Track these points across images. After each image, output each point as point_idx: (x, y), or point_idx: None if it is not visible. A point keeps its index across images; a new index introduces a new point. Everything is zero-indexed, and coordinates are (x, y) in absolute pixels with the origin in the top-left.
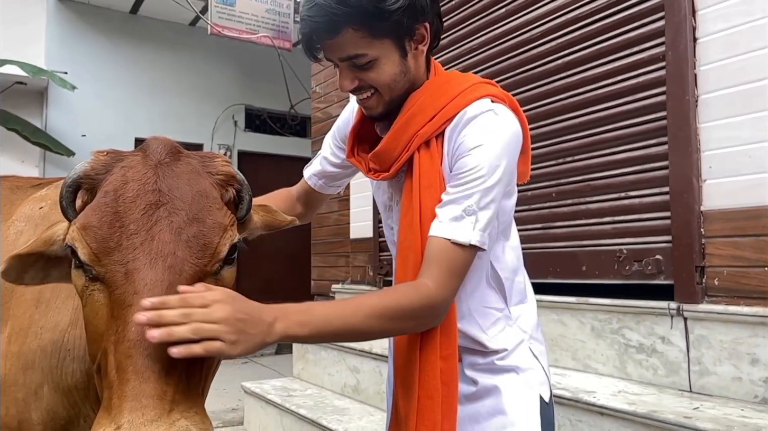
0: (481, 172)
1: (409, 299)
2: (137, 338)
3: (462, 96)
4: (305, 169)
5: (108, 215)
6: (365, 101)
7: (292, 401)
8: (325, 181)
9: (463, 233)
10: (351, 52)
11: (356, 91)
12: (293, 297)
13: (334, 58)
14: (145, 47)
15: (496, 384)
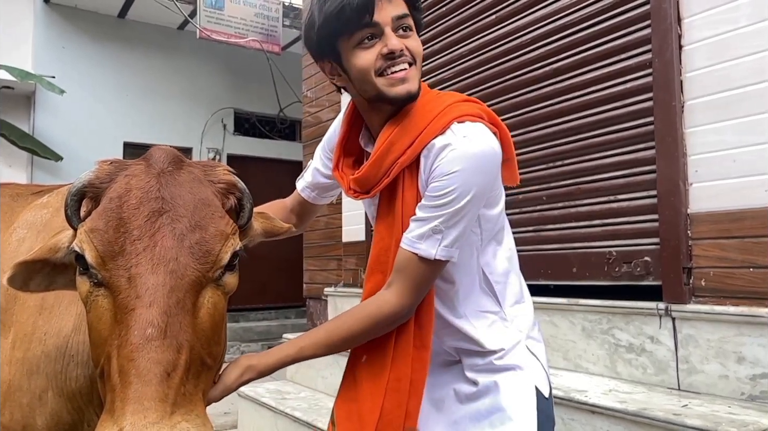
0: (451, 196)
1: (373, 319)
2: (140, 342)
3: (436, 120)
4: (298, 181)
5: (113, 220)
6: (405, 73)
7: (287, 404)
8: (318, 192)
9: (428, 249)
10: (402, 12)
11: (399, 58)
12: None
13: (385, 19)
14: (134, 51)
15: (495, 381)
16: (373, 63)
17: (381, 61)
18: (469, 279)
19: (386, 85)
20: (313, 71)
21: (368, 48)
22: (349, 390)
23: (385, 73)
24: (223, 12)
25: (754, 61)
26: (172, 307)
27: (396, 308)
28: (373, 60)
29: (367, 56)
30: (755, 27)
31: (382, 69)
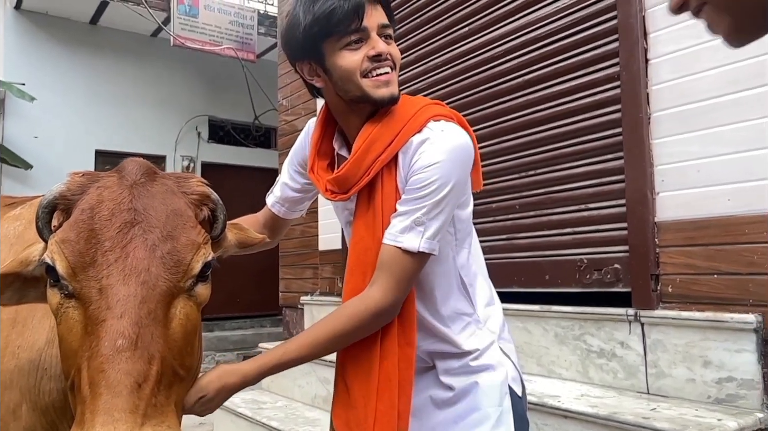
0: (432, 187)
1: (359, 318)
2: (110, 353)
3: (414, 119)
4: (267, 197)
5: (85, 231)
6: (389, 76)
7: (263, 413)
8: (288, 206)
9: (412, 242)
10: (386, 21)
11: (385, 61)
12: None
13: (372, 24)
14: (106, 58)
15: (473, 382)
16: (360, 64)
17: (367, 63)
18: (447, 281)
19: (371, 87)
20: (289, 80)
21: (355, 50)
22: (342, 398)
23: (369, 75)
24: (198, 19)
25: (717, 75)
26: (143, 318)
27: (382, 304)
28: (360, 61)
29: (354, 58)
30: (717, 42)
31: (368, 71)
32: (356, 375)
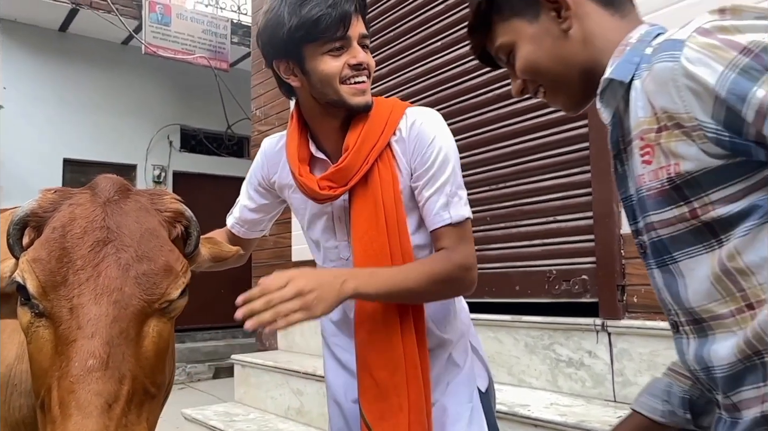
0: (440, 157)
1: (446, 266)
2: (80, 373)
3: (394, 111)
4: (228, 218)
5: (56, 250)
6: (365, 85)
7: (235, 426)
8: (248, 226)
9: (458, 212)
10: (366, 32)
11: (363, 71)
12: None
13: (356, 33)
14: (76, 65)
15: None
16: (340, 70)
17: (347, 70)
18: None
19: (349, 93)
20: (263, 90)
21: (336, 56)
22: (371, 391)
23: (348, 82)
24: (170, 28)
25: None
26: (114, 338)
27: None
28: (340, 68)
29: (335, 63)
30: None
31: (347, 78)
32: (384, 367)
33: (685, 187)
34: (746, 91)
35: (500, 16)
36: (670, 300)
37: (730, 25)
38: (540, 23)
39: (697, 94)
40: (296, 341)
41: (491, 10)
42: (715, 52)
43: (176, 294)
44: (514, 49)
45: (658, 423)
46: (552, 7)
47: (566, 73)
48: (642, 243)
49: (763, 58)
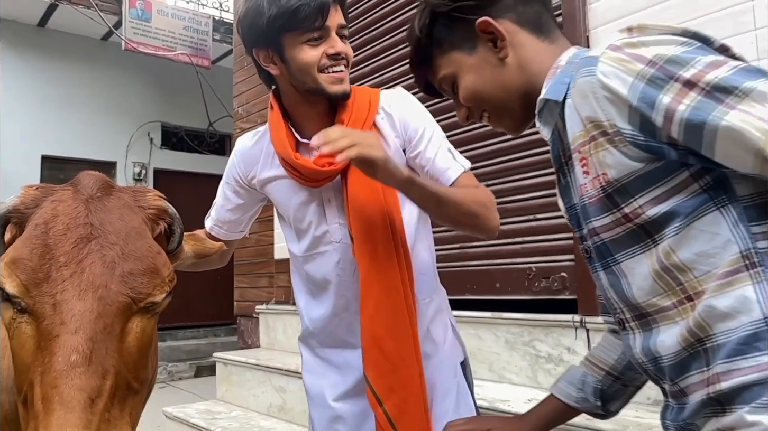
0: (426, 121)
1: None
2: (63, 368)
3: (373, 94)
4: (206, 221)
5: (38, 247)
6: (343, 74)
7: (217, 424)
8: (227, 227)
9: (463, 160)
10: (344, 22)
11: (341, 61)
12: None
13: (333, 23)
14: (55, 61)
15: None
16: (318, 60)
17: (325, 60)
18: (421, 233)
19: (327, 82)
20: (245, 87)
21: (315, 46)
22: (379, 365)
23: (326, 71)
24: (150, 24)
25: None
26: (98, 333)
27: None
28: (318, 57)
29: (314, 53)
30: None
31: (325, 67)
32: (392, 338)
33: (615, 195)
34: (654, 98)
35: (440, 50)
36: (616, 299)
37: (637, 41)
38: (478, 54)
39: (614, 102)
40: (278, 339)
41: (431, 44)
42: (625, 65)
43: (161, 297)
44: (456, 80)
45: (572, 407)
46: (488, 39)
47: (507, 98)
48: (587, 248)
49: (666, 69)
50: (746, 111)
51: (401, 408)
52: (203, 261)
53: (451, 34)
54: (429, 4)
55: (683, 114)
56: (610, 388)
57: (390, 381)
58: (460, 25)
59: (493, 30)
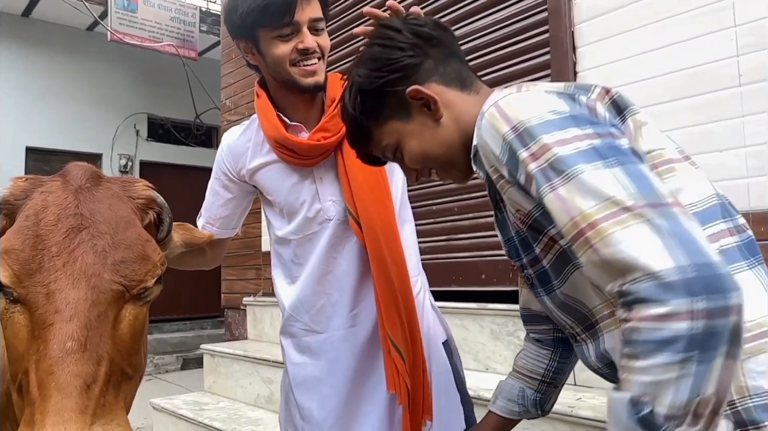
0: None
1: None
2: (59, 355)
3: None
4: (198, 221)
5: (30, 238)
6: (315, 66)
7: (205, 415)
8: (219, 224)
9: None
10: (318, 15)
11: (312, 54)
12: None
13: (303, 18)
14: (39, 52)
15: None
16: (289, 54)
17: (296, 54)
18: (410, 226)
19: (299, 75)
20: (232, 80)
21: (286, 41)
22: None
23: (298, 65)
24: (136, 15)
25: (638, 88)
26: (92, 321)
27: None
28: (289, 52)
29: (284, 48)
30: (638, 58)
31: (296, 60)
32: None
33: (535, 225)
34: (516, 160)
35: (377, 123)
36: (564, 317)
37: (515, 103)
38: (415, 119)
39: (493, 155)
40: (266, 330)
41: (367, 119)
42: (496, 126)
43: (152, 282)
44: (399, 147)
45: (513, 419)
46: (421, 104)
47: (450, 153)
48: (529, 275)
49: (523, 137)
50: (562, 197)
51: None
52: (195, 259)
53: (385, 107)
54: (356, 84)
55: (531, 178)
56: (545, 394)
57: (404, 336)
58: (391, 96)
59: (423, 96)
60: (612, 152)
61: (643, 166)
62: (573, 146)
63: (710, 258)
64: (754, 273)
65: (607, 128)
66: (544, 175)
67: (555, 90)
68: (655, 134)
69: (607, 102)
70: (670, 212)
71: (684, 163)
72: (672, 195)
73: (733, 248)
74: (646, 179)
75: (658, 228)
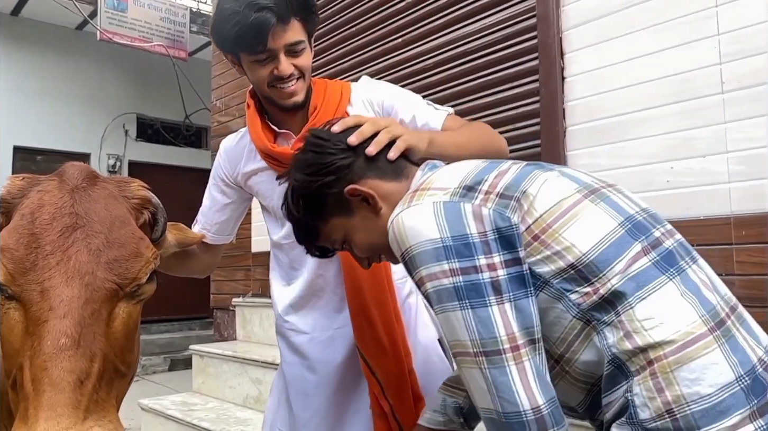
0: (395, 89)
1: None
2: (53, 351)
3: (345, 85)
4: (194, 226)
5: (24, 237)
6: (293, 87)
7: (194, 415)
8: (216, 229)
9: (443, 108)
10: (295, 39)
11: (289, 79)
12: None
13: (279, 45)
14: (28, 51)
15: None
16: (266, 77)
17: (272, 78)
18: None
19: (277, 96)
20: (223, 81)
21: (263, 65)
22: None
23: (276, 86)
24: (126, 14)
25: (624, 94)
26: (86, 318)
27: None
28: (266, 75)
29: (262, 72)
30: (625, 64)
31: (273, 83)
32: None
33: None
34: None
35: (322, 221)
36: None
37: (407, 222)
38: (357, 214)
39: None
40: (255, 331)
41: (312, 219)
42: (394, 246)
43: (145, 279)
44: (346, 239)
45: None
46: (360, 200)
47: None
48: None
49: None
50: (440, 322)
51: (387, 373)
52: (189, 265)
53: (326, 207)
54: (296, 189)
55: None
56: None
57: (377, 349)
58: (331, 197)
59: (360, 193)
60: (468, 293)
61: (492, 308)
62: (439, 282)
63: (522, 407)
64: (674, 283)
65: (474, 260)
66: (429, 301)
67: (443, 200)
68: (554, 189)
69: (494, 199)
70: (503, 360)
71: (584, 202)
72: (519, 335)
73: (648, 267)
74: (490, 325)
75: (487, 377)
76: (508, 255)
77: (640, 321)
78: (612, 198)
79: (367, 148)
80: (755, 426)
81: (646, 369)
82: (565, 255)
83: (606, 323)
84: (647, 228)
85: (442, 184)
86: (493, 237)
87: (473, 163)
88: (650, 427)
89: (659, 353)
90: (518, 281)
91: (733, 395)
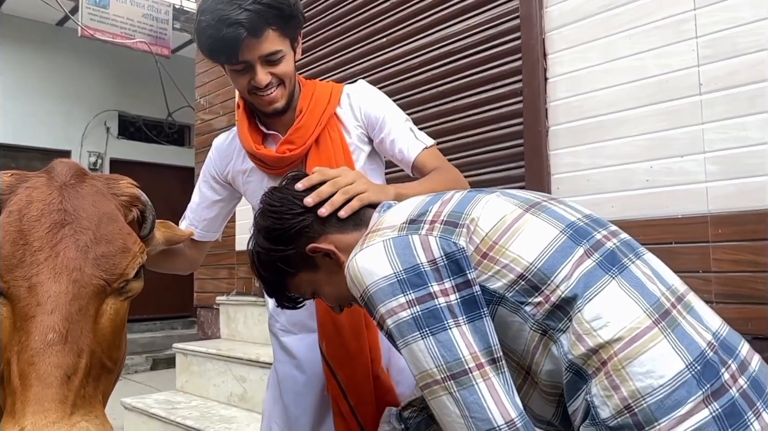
0: (386, 104)
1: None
2: (40, 347)
3: (335, 86)
4: (181, 224)
5: (11, 233)
6: (273, 95)
7: (177, 413)
8: (203, 226)
9: (425, 139)
10: (271, 49)
11: (267, 87)
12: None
13: (253, 57)
14: (8, 46)
15: None
16: (245, 86)
17: (251, 86)
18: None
19: (257, 103)
20: (207, 78)
21: (241, 75)
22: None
23: (255, 94)
24: (108, 10)
25: (604, 96)
26: (73, 314)
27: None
28: (245, 84)
29: (241, 80)
30: (605, 66)
31: (253, 91)
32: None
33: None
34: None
35: (290, 277)
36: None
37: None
38: (322, 269)
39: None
40: (239, 329)
41: (280, 277)
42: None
43: (133, 274)
44: (315, 292)
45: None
46: (323, 255)
47: None
48: None
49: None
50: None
51: (351, 377)
52: (174, 261)
53: (292, 266)
54: (260, 255)
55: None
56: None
57: (341, 353)
58: (295, 257)
59: (320, 250)
60: (427, 321)
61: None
62: (398, 317)
63: (495, 422)
64: (617, 282)
65: (428, 287)
66: (391, 336)
67: (392, 237)
68: (496, 208)
69: (439, 227)
70: (470, 379)
71: (526, 215)
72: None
73: (592, 268)
74: (453, 348)
75: (458, 400)
76: (459, 278)
77: (589, 323)
78: (552, 208)
79: (320, 209)
80: (710, 410)
81: (601, 370)
82: (514, 267)
83: (561, 330)
84: (588, 233)
85: (391, 222)
86: (442, 263)
87: (419, 198)
88: (612, 425)
89: (610, 352)
90: (470, 303)
91: (685, 383)
